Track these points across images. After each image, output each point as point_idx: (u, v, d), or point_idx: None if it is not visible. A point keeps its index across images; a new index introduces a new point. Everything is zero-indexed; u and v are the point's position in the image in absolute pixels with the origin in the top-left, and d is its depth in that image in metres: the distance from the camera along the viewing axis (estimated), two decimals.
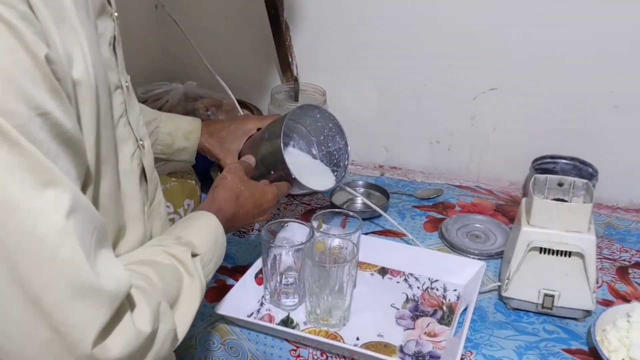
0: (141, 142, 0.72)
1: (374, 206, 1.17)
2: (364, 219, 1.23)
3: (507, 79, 1.27)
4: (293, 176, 0.93)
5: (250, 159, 0.95)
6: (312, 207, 1.30)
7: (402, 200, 1.33)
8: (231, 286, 1.01)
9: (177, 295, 0.65)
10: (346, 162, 1.04)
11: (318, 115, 1.03)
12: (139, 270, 0.62)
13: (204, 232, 0.75)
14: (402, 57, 1.33)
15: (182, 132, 1.02)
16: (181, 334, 0.65)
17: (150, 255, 0.66)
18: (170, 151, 1.03)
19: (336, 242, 0.99)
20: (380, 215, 1.24)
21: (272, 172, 0.95)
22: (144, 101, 1.29)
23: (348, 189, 1.18)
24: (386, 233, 1.21)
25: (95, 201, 0.61)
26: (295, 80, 1.37)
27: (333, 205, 1.25)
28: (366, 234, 1.19)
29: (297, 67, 1.39)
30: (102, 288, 0.49)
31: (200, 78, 1.34)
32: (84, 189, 0.58)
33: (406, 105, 1.37)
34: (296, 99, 1.33)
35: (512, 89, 1.27)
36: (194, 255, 0.70)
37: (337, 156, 1.05)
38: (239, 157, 1.02)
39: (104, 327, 0.49)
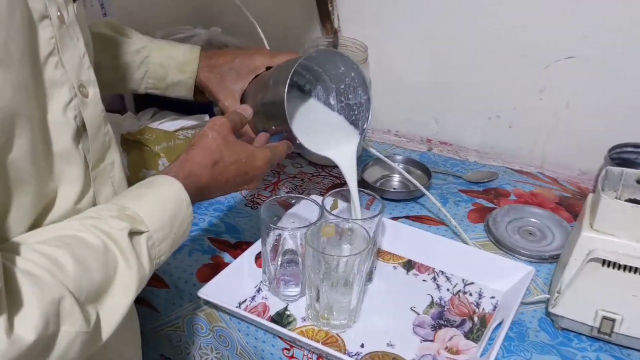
0: (83, 89, 0.57)
1: (416, 183, 0.98)
2: (399, 200, 1.07)
3: (589, 45, 1.04)
4: (297, 141, 0.77)
5: (247, 111, 0.79)
6: (341, 181, 1.13)
7: (447, 182, 1.14)
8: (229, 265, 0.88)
9: (105, 285, 0.52)
10: (365, 125, 0.85)
11: (339, 63, 0.84)
12: (46, 252, 0.48)
13: (161, 203, 0.61)
14: (464, 13, 1.13)
15: (176, 62, 0.88)
16: (106, 332, 0.52)
17: (75, 230, 0.52)
18: (163, 85, 0.89)
19: (350, 226, 0.82)
20: (419, 197, 1.07)
21: (273, 127, 0.79)
22: None
23: (385, 159, 0.98)
24: (423, 219, 1.03)
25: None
26: (335, 33, 1.19)
27: (362, 182, 1.08)
28: (397, 218, 1.02)
29: (338, 19, 1.20)
30: None
31: (225, 24, 1.18)
32: None
33: (464, 71, 1.18)
34: None
35: (594, 58, 1.05)
36: (136, 232, 0.56)
37: (356, 112, 0.87)
38: (242, 100, 0.87)
39: None
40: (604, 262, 0.75)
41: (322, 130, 0.85)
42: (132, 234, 0.56)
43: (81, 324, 0.47)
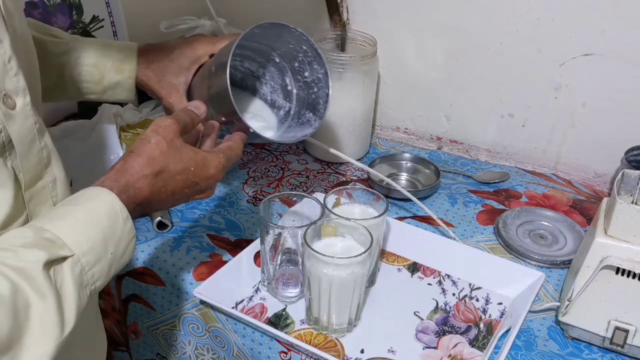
0: (8, 100, 0.50)
1: (412, 197, 0.94)
2: (406, 200, 1.03)
3: (608, 42, 1.00)
4: (251, 130, 0.71)
5: (199, 108, 0.69)
6: (347, 178, 1.10)
7: (457, 182, 1.10)
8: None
9: (15, 335, 0.44)
10: (326, 103, 0.78)
11: (288, 38, 0.76)
12: None
13: (89, 220, 0.53)
14: (477, 5, 1.08)
15: (112, 61, 0.79)
16: None
17: None
18: (99, 89, 0.81)
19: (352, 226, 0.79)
20: (426, 197, 1.04)
21: (223, 118, 0.73)
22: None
23: (373, 171, 0.94)
24: (429, 220, 0.99)
25: None
26: (344, 26, 1.15)
27: (369, 180, 1.05)
28: (403, 218, 0.99)
29: (347, 11, 1.17)
30: None
31: (231, 16, 1.15)
32: None
33: (477, 67, 1.13)
34: (342, 49, 1.12)
35: (613, 56, 1.00)
36: (57, 260, 0.49)
37: (315, 90, 0.80)
38: (188, 94, 0.79)
39: None
40: (618, 269, 0.72)
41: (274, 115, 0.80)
42: (52, 262, 0.48)
43: None
